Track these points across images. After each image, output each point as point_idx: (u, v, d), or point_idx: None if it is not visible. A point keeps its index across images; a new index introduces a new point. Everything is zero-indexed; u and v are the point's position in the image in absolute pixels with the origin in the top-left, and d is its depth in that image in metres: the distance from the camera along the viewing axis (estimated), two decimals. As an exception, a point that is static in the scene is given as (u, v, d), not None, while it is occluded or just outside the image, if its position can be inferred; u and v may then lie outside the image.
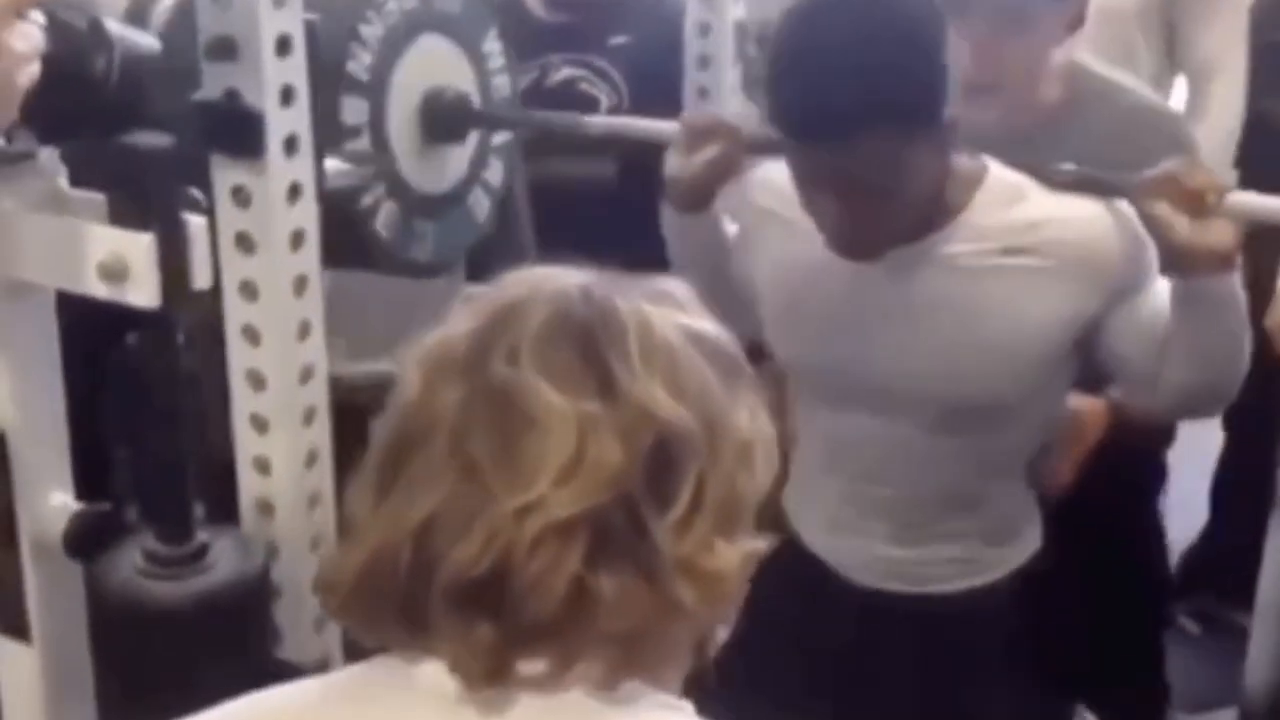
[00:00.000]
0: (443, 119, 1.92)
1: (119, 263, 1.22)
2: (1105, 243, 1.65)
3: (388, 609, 0.95)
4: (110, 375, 1.44)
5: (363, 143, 1.80)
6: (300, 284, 1.60)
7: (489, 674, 0.93)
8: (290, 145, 1.55)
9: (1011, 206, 1.68)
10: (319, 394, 1.65)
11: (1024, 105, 1.91)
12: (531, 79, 2.61)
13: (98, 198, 1.25)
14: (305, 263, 1.60)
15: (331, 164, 1.65)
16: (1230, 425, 3.21)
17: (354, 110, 1.79)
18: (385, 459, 0.96)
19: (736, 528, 0.98)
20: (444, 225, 1.97)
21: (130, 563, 1.44)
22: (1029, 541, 1.90)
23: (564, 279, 1.00)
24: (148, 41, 1.26)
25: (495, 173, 2.07)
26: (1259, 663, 1.34)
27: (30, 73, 1.00)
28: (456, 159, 2.00)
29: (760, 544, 0.99)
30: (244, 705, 1.01)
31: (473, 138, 2.02)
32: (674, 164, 1.85)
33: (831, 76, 1.51)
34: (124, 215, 1.22)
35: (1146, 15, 2.86)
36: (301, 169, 1.57)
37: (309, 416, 1.64)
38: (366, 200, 1.81)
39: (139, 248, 1.22)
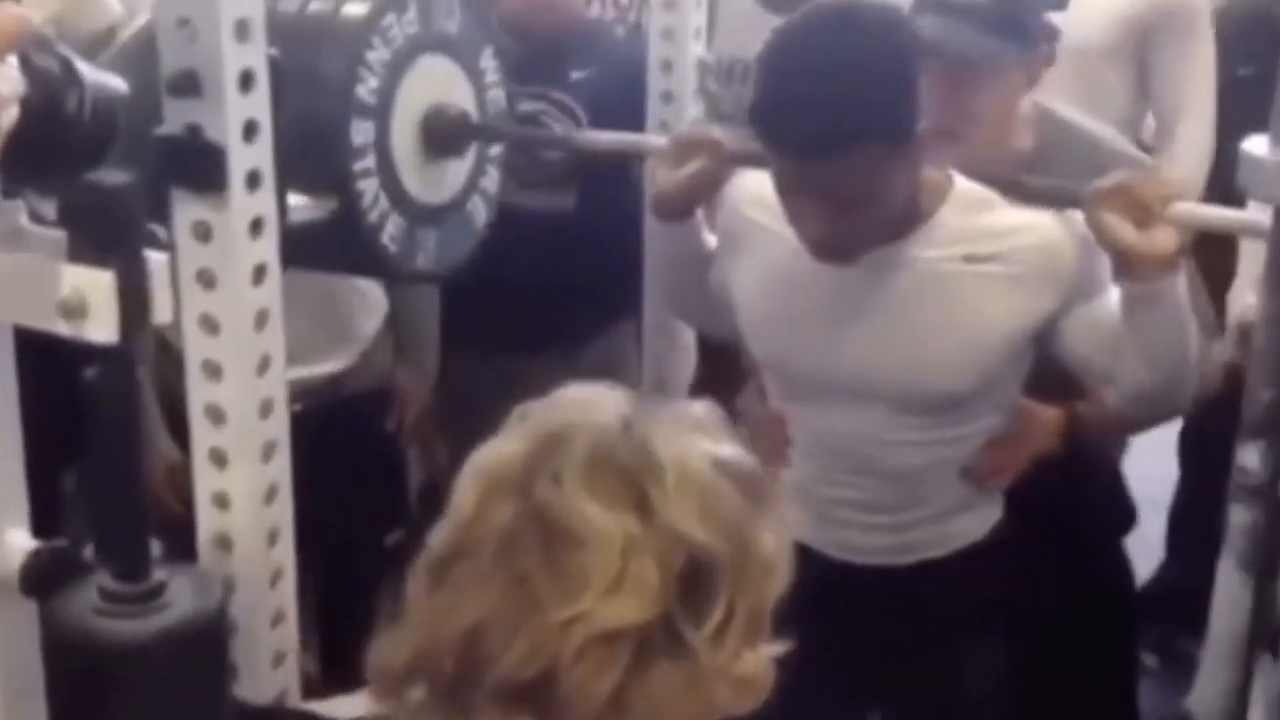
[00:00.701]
0: (443, 134, 1.99)
1: (79, 299, 1.22)
2: (1062, 250, 1.78)
3: (432, 694, 1.05)
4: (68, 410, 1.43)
5: (368, 162, 1.88)
6: (261, 318, 1.60)
7: None
8: (253, 180, 1.55)
9: (977, 214, 1.81)
10: (279, 429, 1.64)
11: (993, 152, 1.96)
12: None
13: (58, 234, 1.24)
14: (267, 297, 1.60)
15: (295, 199, 1.65)
16: (1185, 460, 3.24)
17: (361, 132, 1.87)
18: (439, 561, 1.07)
19: (762, 634, 1.08)
20: (445, 233, 2.05)
21: (86, 601, 1.43)
22: (986, 516, 2.01)
23: (604, 409, 1.09)
24: (116, 82, 1.26)
25: (492, 180, 2.16)
26: (1207, 692, 1.36)
27: (11, 114, 1.00)
28: (456, 169, 2.08)
29: (780, 646, 1.09)
30: None
31: (471, 149, 2.09)
32: (662, 176, 1.97)
33: (818, 100, 1.63)
34: (84, 252, 1.21)
35: (1117, 55, 2.88)
36: (264, 204, 1.57)
37: (269, 452, 1.63)
38: (373, 215, 1.89)
39: (99, 285, 1.21)
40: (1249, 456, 1.26)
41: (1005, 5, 1.94)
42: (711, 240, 2.05)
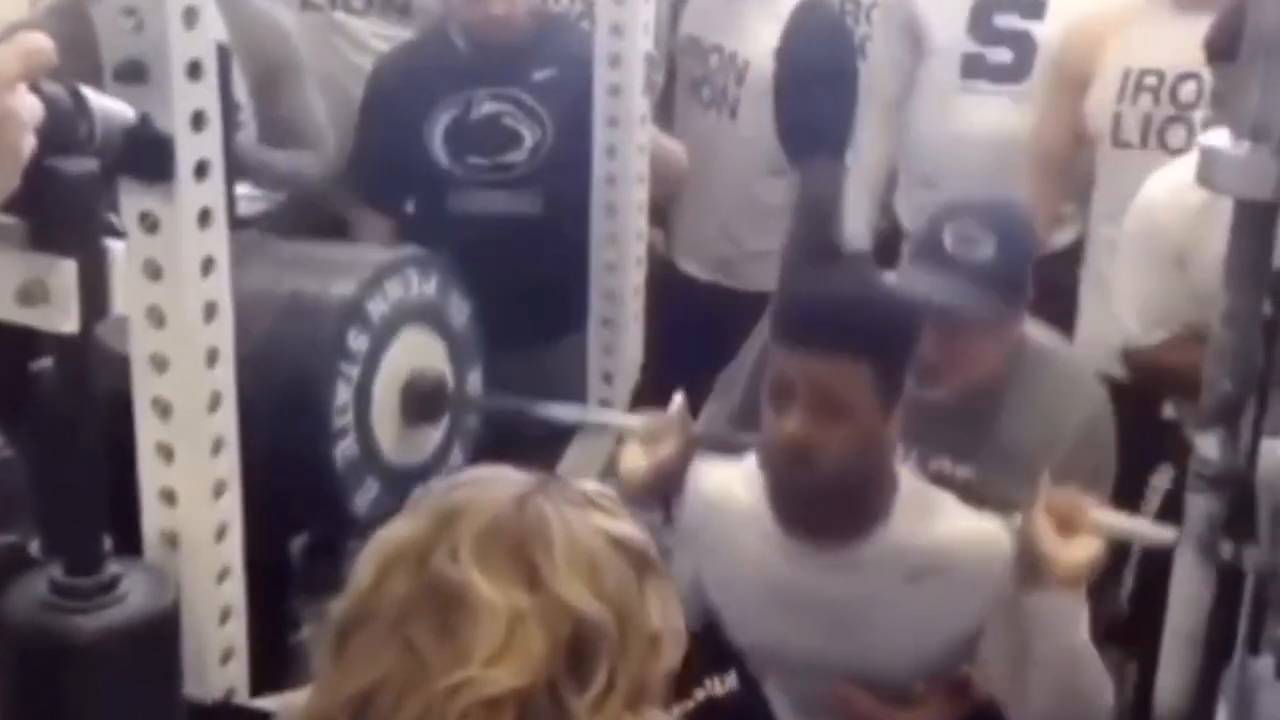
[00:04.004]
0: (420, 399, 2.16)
1: (39, 288, 1.19)
2: (1002, 561, 1.79)
3: None
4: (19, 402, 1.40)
5: (347, 418, 2.02)
6: (210, 310, 1.58)
7: None
8: (201, 170, 1.54)
9: (924, 521, 1.84)
10: (227, 423, 1.62)
11: (970, 380, 2.02)
12: (455, 113, 2.61)
13: (16, 222, 1.22)
14: (215, 289, 1.58)
15: (243, 190, 1.63)
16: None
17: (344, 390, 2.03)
18: (339, 631, 1.12)
19: (645, 704, 1.13)
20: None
21: (35, 595, 1.40)
22: None
23: (501, 487, 1.15)
24: (124, 110, 1.27)
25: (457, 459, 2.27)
26: (1167, 684, 1.38)
27: (30, 142, 1.00)
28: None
29: (666, 717, 1.15)
30: None
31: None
32: (629, 461, 1.97)
33: (829, 306, 1.77)
34: (44, 240, 1.19)
35: None
36: (212, 194, 1.55)
37: (217, 446, 1.61)
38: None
39: (60, 273, 1.19)
40: (1208, 446, 1.28)
41: (1003, 264, 1.95)
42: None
